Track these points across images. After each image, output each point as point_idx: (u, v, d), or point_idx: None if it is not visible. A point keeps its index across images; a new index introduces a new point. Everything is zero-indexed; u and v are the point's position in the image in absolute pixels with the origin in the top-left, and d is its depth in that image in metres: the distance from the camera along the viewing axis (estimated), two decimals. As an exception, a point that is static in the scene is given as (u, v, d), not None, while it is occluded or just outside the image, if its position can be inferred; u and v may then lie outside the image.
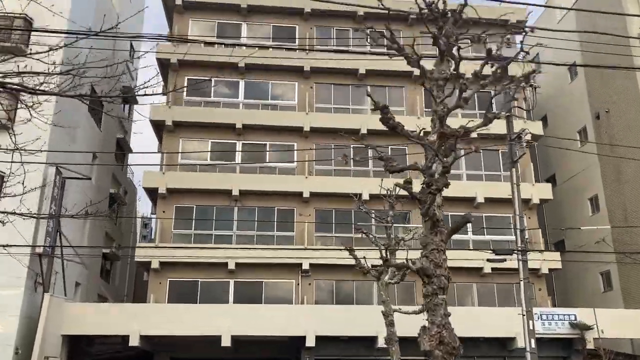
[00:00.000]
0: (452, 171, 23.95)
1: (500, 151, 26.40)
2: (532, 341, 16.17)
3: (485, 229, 25.04)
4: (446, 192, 22.87)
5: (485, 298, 24.19)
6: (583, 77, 28.50)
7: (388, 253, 17.28)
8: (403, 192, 10.13)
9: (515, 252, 16.80)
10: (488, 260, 17.27)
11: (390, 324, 16.15)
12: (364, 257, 17.31)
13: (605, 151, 26.00)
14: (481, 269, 23.92)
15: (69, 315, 19.06)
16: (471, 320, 20.34)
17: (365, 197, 23.96)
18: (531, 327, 16.36)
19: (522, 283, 16.65)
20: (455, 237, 24.19)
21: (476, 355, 20.83)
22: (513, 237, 24.59)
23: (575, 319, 20.77)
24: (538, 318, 20.67)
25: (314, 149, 25.51)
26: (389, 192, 17.71)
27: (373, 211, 17.72)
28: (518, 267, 16.85)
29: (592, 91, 27.76)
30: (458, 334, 18.64)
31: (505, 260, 17.76)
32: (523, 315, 16.43)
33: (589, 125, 27.55)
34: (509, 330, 20.40)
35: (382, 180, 18.00)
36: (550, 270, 24.65)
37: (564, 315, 20.80)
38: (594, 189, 27.06)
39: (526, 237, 17.23)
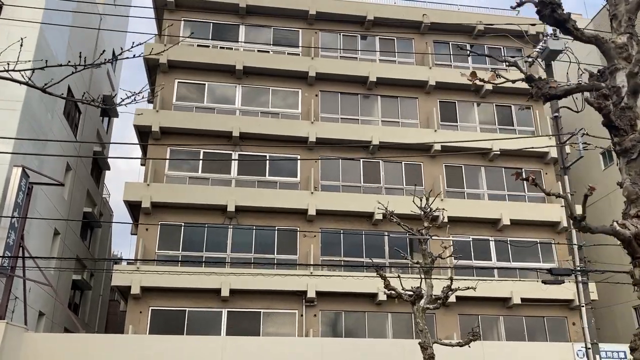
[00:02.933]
0: (471, 191, 21.34)
1: (523, 170, 24.02)
2: (602, 381, 13.41)
3: (510, 255, 22.35)
4: (467, 213, 20.15)
5: (513, 332, 21.28)
6: (606, 94, 26.59)
7: (423, 273, 14.52)
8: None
9: (574, 272, 14.11)
10: (544, 282, 14.47)
11: (429, 358, 13.19)
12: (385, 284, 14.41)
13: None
14: (509, 299, 21.11)
15: (30, 347, 15.56)
16: (505, 357, 17.50)
17: (378, 216, 21.24)
18: (599, 364, 13.59)
19: (583, 309, 13.96)
20: (477, 263, 21.51)
21: (512, 399, 17.87)
22: (540, 264, 22.15)
23: (625, 357, 18.01)
24: (583, 355, 17.89)
25: (319, 161, 22.74)
26: (390, 213, 15.19)
27: (408, 226, 14.85)
28: (577, 290, 14.16)
29: (617, 108, 25.78)
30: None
31: (562, 282, 15.04)
32: (588, 348, 13.67)
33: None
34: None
35: (387, 201, 15.40)
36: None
37: (612, 352, 18.03)
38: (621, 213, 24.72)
39: (584, 256, 14.57)
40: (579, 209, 20.41)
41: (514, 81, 6.14)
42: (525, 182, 11.86)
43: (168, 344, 16.53)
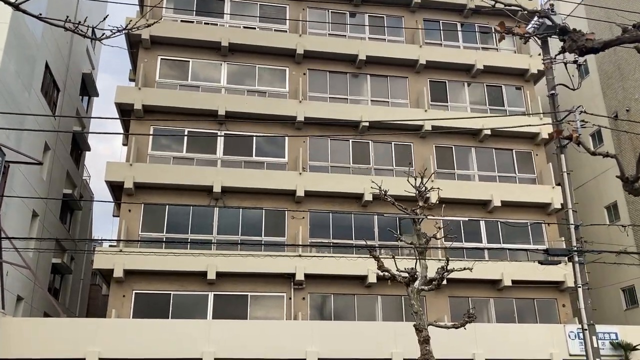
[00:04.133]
0: (461, 172, 21.08)
1: (514, 151, 23.75)
2: (598, 362, 13.14)
3: (501, 237, 22.10)
4: (457, 194, 19.85)
5: (503, 314, 21.10)
6: (596, 75, 26.37)
7: (417, 253, 14.14)
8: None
9: (571, 252, 13.79)
10: (540, 262, 14.14)
11: (425, 341, 12.84)
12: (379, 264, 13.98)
13: (626, 154, 23.68)
14: (499, 281, 20.89)
15: (8, 333, 14.92)
16: (497, 339, 17.27)
17: (368, 197, 20.80)
18: (595, 345, 13.32)
19: (580, 290, 13.64)
20: (469, 244, 21.24)
21: (503, 380, 17.68)
22: (531, 246, 21.94)
23: (617, 338, 17.93)
24: (575, 337, 17.77)
25: (307, 142, 22.18)
26: (384, 193, 14.76)
27: (403, 206, 14.39)
28: (574, 270, 13.84)
29: (608, 89, 25.60)
30: (484, 355, 15.48)
31: (559, 262, 14.76)
32: (585, 330, 13.40)
33: (604, 127, 25.22)
34: (541, 351, 17.42)
35: (381, 181, 14.95)
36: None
37: (603, 333, 17.90)
38: (612, 195, 24.65)
39: (581, 237, 14.26)
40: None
41: (531, 36, 5.65)
42: (567, 140, 11.41)
43: (152, 328, 15.99)
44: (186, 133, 21.56)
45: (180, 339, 15.87)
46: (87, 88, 28.22)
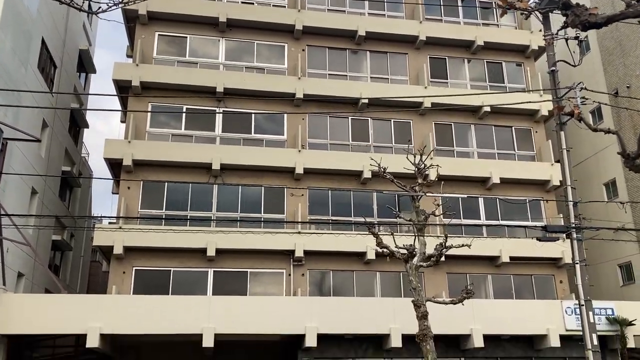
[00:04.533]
0: (460, 149, 21.08)
1: (513, 128, 23.69)
2: (594, 337, 13.27)
3: (499, 214, 22.15)
4: (456, 171, 19.88)
5: (501, 291, 21.27)
6: (597, 51, 26.16)
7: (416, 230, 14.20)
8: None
9: (570, 228, 13.84)
10: (538, 239, 14.22)
11: (423, 317, 12.97)
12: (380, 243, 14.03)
13: (626, 131, 23.62)
14: (497, 258, 21.01)
15: (10, 309, 15.03)
16: (494, 315, 17.43)
17: (367, 175, 20.80)
18: (592, 320, 13.45)
19: (578, 267, 13.73)
20: (467, 221, 21.32)
21: (500, 356, 17.90)
22: (530, 223, 22.01)
23: (613, 313, 18.09)
24: (572, 312, 17.92)
25: (306, 119, 22.08)
26: (383, 170, 14.73)
27: (402, 184, 14.38)
28: (572, 247, 13.91)
29: (609, 65, 25.42)
30: (482, 330, 15.58)
31: (557, 239, 14.83)
32: (581, 305, 13.52)
33: (604, 104, 25.10)
34: (538, 326, 17.59)
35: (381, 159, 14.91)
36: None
37: (600, 309, 18.03)
38: (610, 172, 24.66)
39: (579, 213, 14.29)
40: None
41: (533, 10, 5.58)
42: (568, 116, 11.37)
43: (153, 304, 16.08)
44: (184, 110, 21.45)
45: (181, 315, 15.97)
46: (84, 64, 27.97)
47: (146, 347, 19.06)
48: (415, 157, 15.19)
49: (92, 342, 15.02)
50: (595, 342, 13.19)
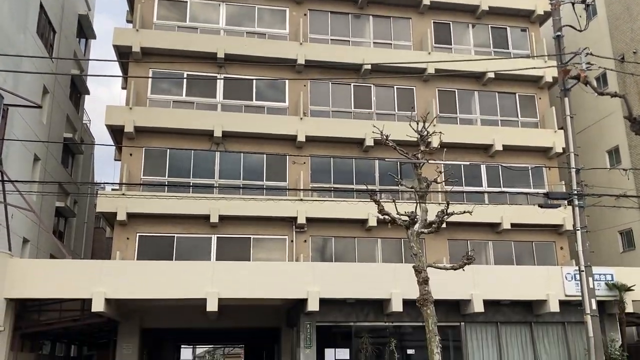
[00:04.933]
0: (463, 116, 20.90)
1: (517, 94, 23.50)
2: (593, 302, 13.45)
3: (501, 181, 22.17)
4: (459, 138, 19.77)
5: (501, 257, 21.45)
6: (604, 16, 25.75)
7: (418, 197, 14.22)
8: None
9: (571, 195, 13.87)
10: (540, 206, 14.26)
11: (424, 282, 13.11)
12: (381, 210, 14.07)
13: (631, 97, 23.41)
14: (499, 224, 21.12)
15: (16, 273, 15.20)
16: (495, 280, 17.58)
17: (369, 142, 20.76)
18: (591, 286, 13.61)
19: (579, 233, 13.81)
20: (469, 188, 21.35)
21: (499, 320, 18.14)
22: (532, 190, 22.05)
23: (612, 279, 18.25)
24: (571, 278, 18.08)
25: (308, 86, 21.93)
26: (386, 137, 14.62)
27: (404, 151, 14.31)
28: (573, 213, 13.97)
29: (616, 31, 25.05)
30: (482, 295, 15.71)
31: (559, 206, 14.87)
32: (582, 271, 13.65)
33: (610, 70, 24.86)
34: (537, 292, 17.75)
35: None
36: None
37: (599, 274, 18.17)
38: (613, 139, 24.56)
39: (582, 180, 14.30)
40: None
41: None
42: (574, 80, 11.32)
43: (157, 270, 16.22)
44: (185, 76, 21.29)
45: (185, 280, 16.11)
46: (84, 30, 27.66)
47: (151, 311, 19.37)
48: (418, 124, 15.11)
49: (98, 306, 15.24)
50: (594, 307, 13.36)
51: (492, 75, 22.37)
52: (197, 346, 47.80)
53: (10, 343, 15.67)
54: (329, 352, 17.41)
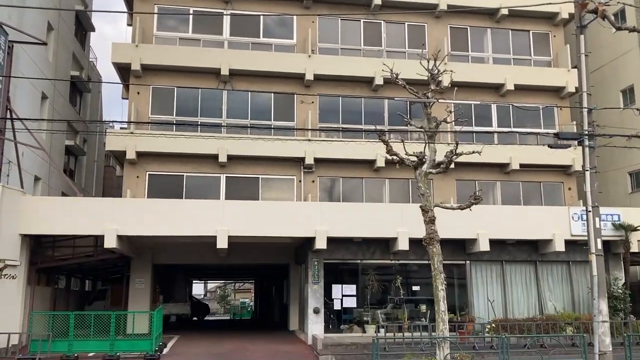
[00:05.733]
0: (475, 54, 20.30)
1: (531, 32, 22.88)
2: (599, 241, 13.54)
3: (511, 120, 21.94)
4: (470, 77, 19.28)
5: (509, 197, 21.52)
6: (626, -52, 24.62)
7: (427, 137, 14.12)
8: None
9: (582, 135, 13.72)
10: (549, 146, 14.16)
11: (430, 221, 13.19)
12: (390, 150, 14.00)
13: (648, 34, 22.72)
14: (507, 165, 21.07)
15: (29, 210, 15.49)
16: (501, 220, 17.71)
17: (379, 81, 20.48)
18: (597, 226, 13.66)
19: (587, 174, 13.73)
20: (479, 128, 21.18)
21: (504, 259, 18.42)
22: (542, 130, 21.82)
23: (619, 220, 18.34)
24: (578, 218, 18.18)
25: (316, 22, 21.42)
26: (395, 75, 14.28)
27: (414, 90, 14.06)
28: (583, 154, 13.86)
29: (637, -36, 24.03)
30: (488, 235, 15.80)
31: (569, 146, 14.75)
32: (589, 211, 13.68)
33: (629, 6, 24.01)
34: (544, 232, 17.91)
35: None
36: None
37: (606, 215, 18.26)
38: (629, 79, 24.04)
39: (593, 120, 14.10)
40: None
41: None
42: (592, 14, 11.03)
43: (168, 208, 16.45)
44: (191, 12, 20.82)
45: (195, 218, 16.37)
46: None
47: (163, 248, 19.82)
48: (428, 62, 14.81)
49: (110, 242, 15.58)
50: (600, 247, 13.47)
51: (505, 12, 21.74)
52: (208, 281, 49.07)
53: (27, 277, 16.18)
54: (336, 288, 17.88)
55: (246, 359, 14.40)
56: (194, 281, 41.53)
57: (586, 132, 13.71)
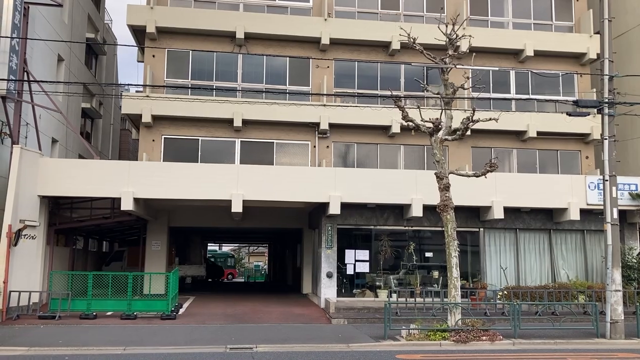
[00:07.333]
0: (494, 19, 19.81)
1: (553, -5, 22.28)
2: (615, 211, 13.46)
3: (530, 87, 21.59)
4: (489, 42, 18.87)
5: (525, 165, 21.34)
6: None
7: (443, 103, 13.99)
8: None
9: (602, 103, 13.49)
10: (568, 114, 13.95)
11: (445, 188, 13.18)
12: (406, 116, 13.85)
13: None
14: (524, 132, 20.84)
15: (47, 172, 15.70)
16: (516, 188, 17.61)
17: (395, 46, 20.18)
18: (614, 195, 13.57)
19: (606, 142, 13.57)
20: (496, 95, 20.90)
21: (518, 227, 18.39)
22: (561, 97, 21.46)
23: (637, 189, 18.15)
24: (595, 187, 18.02)
25: (334, -15, 21.02)
26: (413, 40, 14.00)
27: (432, 56, 13.83)
28: (602, 122, 13.66)
29: None
30: (503, 202, 15.64)
31: (588, 114, 14.53)
32: (606, 180, 13.56)
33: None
34: (559, 200, 17.79)
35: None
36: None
37: (623, 184, 18.06)
38: (652, 45, 23.38)
39: (614, 88, 13.83)
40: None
41: None
42: None
43: (183, 171, 16.55)
44: (206, -26, 20.53)
45: (211, 182, 16.45)
46: None
47: (178, 211, 20.07)
48: (447, 27, 14.54)
49: (127, 205, 15.79)
50: (615, 216, 13.40)
51: (529, -25, 21.14)
52: (223, 244, 49.70)
53: (46, 237, 16.52)
54: (349, 253, 18.05)
55: (260, 320, 14.69)
56: (209, 244, 42.11)
57: (606, 100, 13.50)
